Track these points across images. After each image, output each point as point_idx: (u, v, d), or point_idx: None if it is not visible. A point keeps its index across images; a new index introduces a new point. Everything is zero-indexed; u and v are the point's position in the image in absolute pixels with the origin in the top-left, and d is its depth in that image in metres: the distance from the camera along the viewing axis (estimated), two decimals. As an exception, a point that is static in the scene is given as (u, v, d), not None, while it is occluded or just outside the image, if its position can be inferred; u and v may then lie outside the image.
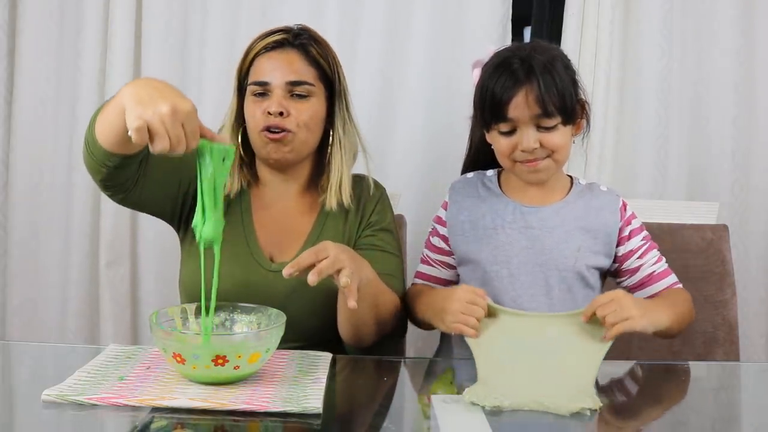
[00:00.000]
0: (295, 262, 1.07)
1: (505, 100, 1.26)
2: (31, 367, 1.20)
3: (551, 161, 1.30)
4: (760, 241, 1.99)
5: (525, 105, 1.26)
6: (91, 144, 1.15)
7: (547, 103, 1.25)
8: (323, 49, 1.35)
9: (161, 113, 0.95)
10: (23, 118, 2.02)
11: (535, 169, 1.31)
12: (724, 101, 1.97)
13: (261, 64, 1.32)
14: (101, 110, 1.13)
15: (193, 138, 0.99)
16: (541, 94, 1.25)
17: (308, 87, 1.31)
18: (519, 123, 1.27)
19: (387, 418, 1.01)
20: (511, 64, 1.28)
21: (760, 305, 1.99)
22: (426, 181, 1.97)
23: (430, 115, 1.98)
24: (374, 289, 1.21)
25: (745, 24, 1.95)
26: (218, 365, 0.99)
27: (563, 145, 1.30)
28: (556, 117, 1.27)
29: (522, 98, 1.25)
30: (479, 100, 1.32)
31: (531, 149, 1.27)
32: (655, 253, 1.38)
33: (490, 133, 1.34)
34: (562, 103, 1.27)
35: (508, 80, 1.26)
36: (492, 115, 1.29)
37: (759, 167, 1.98)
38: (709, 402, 1.14)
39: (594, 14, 1.91)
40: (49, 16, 2.01)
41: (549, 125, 1.27)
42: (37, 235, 2.05)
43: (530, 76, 1.25)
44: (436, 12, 1.96)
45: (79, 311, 2.03)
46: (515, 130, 1.28)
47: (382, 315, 1.26)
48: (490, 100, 1.28)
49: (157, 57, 1.99)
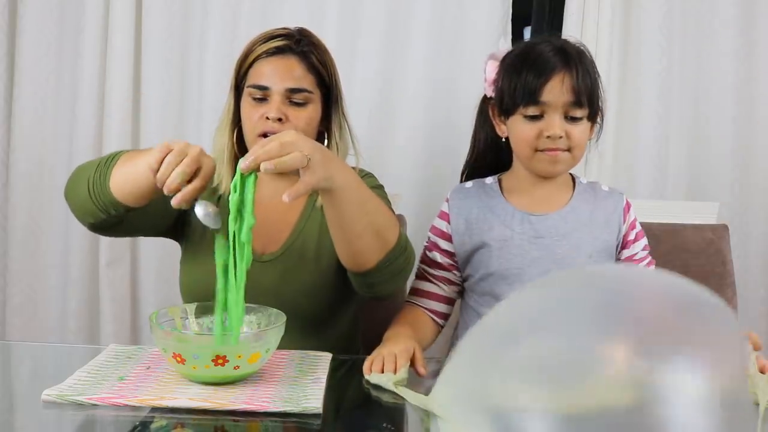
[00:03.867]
0: (251, 152, 1.02)
1: (541, 83, 1.25)
2: (31, 367, 1.20)
3: (569, 156, 1.29)
4: (760, 241, 1.99)
5: (560, 90, 1.25)
6: (98, 190, 1.16)
7: (580, 92, 1.25)
8: (322, 55, 1.35)
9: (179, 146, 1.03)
10: (23, 118, 2.02)
11: (555, 159, 1.28)
12: (724, 101, 1.97)
13: (261, 68, 1.32)
14: (118, 160, 1.16)
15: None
16: (578, 82, 1.24)
17: (307, 94, 1.32)
18: (548, 108, 1.26)
19: (387, 418, 1.01)
20: (543, 50, 1.27)
21: (760, 305, 1.99)
22: (426, 181, 1.97)
23: (430, 115, 1.98)
24: (359, 193, 1.13)
25: (745, 24, 1.95)
26: (218, 365, 0.99)
27: (583, 142, 1.30)
28: (585, 108, 1.27)
29: (558, 83, 1.25)
30: (507, 86, 1.29)
31: (558, 136, 1.26)
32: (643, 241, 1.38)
33: (510, 119, 1.31)
34: (591, 96, 1.27)
35: (544, 64, 1.25)
36: (523, 98, 1.26)
37: (759, 167, 1.98)
38: (709, 402, 1.14)
39: (594, 14, 1.91)
40: (49, 16, 2.01)
41: (577, 115, 1.27)
42: (37, 235, 2.05)
43: (568, 63, 1.25)
44: (436, 12, 1.96)
45: (79, 311, 2.03)
46: (542, 116, 1.27)
47: (378, 224, 1.17)
48: (524, 83, 1.26)
49: (157, 57, 1.99)
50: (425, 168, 1.98)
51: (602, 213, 1.36)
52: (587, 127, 1.30)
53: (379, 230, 1.17)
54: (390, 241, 1.19)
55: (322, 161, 1.04)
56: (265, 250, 1.33)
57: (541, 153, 1.29)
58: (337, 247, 1.20)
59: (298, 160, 1.00)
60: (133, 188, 1.13)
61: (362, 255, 1.18)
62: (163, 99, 2.01)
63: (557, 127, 1.26)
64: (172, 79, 2.01)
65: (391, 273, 1.21)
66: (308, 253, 1.33)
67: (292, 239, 1.34)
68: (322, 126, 1.38)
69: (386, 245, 1.18)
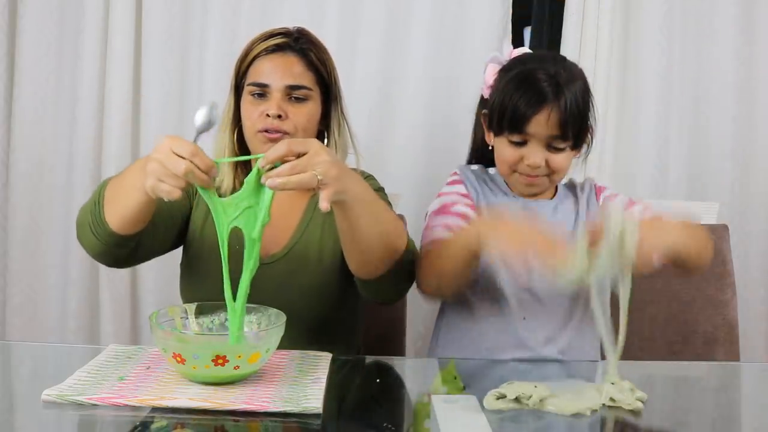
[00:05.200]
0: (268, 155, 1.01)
1: (528, 115, 1.26)
2: (31, 367, 1.20)
3: (547, 180, 1.33)
4: (760, 241, 1.99)
5: (546, 124, 1.26)
6: (98, 228, 1.17)
7: (566, 127, 1.27)
8: (321, 53, 1.36)
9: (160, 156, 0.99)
10: (23, 118, 2.02)
11: (531, 184, 1.33)
12: (724, 101, 1.97)
13: (261, 66, 1.32)
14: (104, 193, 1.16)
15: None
16: (565, 117, 1.26)
17: (306, 91, 1.32)
18: (532, 138, 1.28)
19: (387, 418, 1.01)
20: (537, 79, 1.27)
21: (760, 305, 2.00)
22: (426, 181, 1.97)
23: (430, 114, 1.98)
24: (372, 205, 1.15)
25: (745, 24, 1.96)
26: (218, 365, 0.99)
27: (564, 168, 1.32)
28: (569, 140, 1.29)
29: (544, 117, 1.26)
30: (498, 106, 1.31)
31: (537, 166, 1.29)
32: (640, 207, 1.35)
33: (497, 138, 1.34)
34: (577, 129, 1.29)
35: (535, 96, 1.26)
36: (509, 125, 1.28)
37: (759, 167, 1.98)
38: (709, 402, 1.14)
39: (594, 14, 1.92)
40: (49, 16, 2.01)
41: (559, 146, 1.29)
42: (37, 235, 2.05)
43: (558, 97, 1.26)
44: (436, 12, 1.96)
45: (79, 311, 2.03)
46: (525, 143, 1.29)
47: (388, 234, 1.18)
48: (512, 111, 1.27)
49: (157, 57, 1.99)
50: (425, 167, 1.98)
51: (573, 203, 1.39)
52: (570, 154, 1.32)
53: (389, 240, 1.18)
54: (399, 249, 1.20)
55: (337, 177, 1.03)
56: (267, 252, 1.33)
57: (518, 175, 1.32)
58: (348, 257, 1.21)
59: (307, 181, 1.00)
60: (132, 217, 1.14)
61: (372, 264, 1.19)
62: (163, 100, 2.01)
63: (538, 157, 1.28)
64: (172, 79, 2.01)
65: (396, 281, 1.23)
66: (311, 255, 1.33)
67: (294, 241, 1.34)
68: (321, 124, 1.38)
69: (396, 253, 1.20)
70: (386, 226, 1.18)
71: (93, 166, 2.01)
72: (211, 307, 1.14)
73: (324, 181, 1.01)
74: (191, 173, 0.98)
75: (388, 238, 1.18)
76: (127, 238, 1.18)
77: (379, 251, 1.18)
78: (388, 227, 1.18)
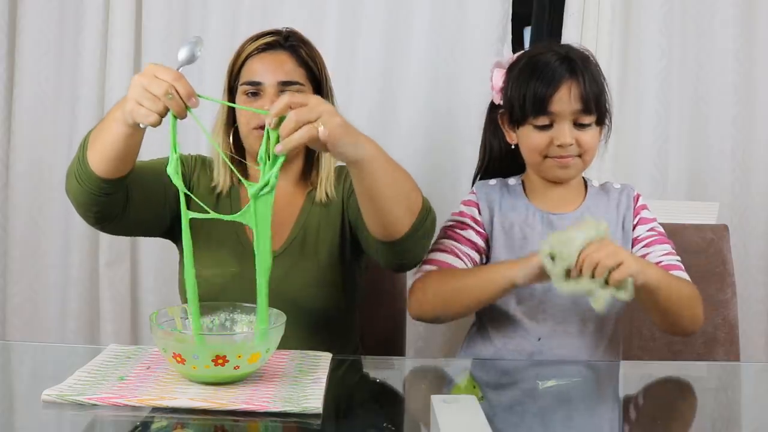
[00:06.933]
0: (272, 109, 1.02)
1: (549, 94, 1.27)
2: (31, 367, 1.20)
3: (580, 161, 1.32)
4: (760, 241, 1.99)
5: (568, 99, 1.27)
6: (83, 174, 1.16)
7: (589, 100, 1.27)
8: (311, 50, 1.38)
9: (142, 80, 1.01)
10: (23, 118, 2.02)
11: (565, 165, 1.31)
12: (724, 101, 1.96)
13: (253, 65, 1.34)
14: (88, 140, 1.16)
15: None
16: (585, 89, 1.27)
17: (299, 86, 1.34)
18: (558, 118, 1.28)
19: (387, 418, 1.01)
20: (549, 60, 1.29)
21: (760, 305, 1.99)
22: (426, 181, 1.96)
23: (430, 115, 1.98)
24: (387, 162, 1.13)
25: (745, 24, 1.95)
26: (218, 365, 0.99)
27: (594, 146, 1.32)
28: (593, 115, 1.29)
29: (566, 92, 1.27)
30: (517, 96, 1.31)
31: (568, 144, 1.28)
32: (666, 247, 1.35)
33: (521, 128, 1.33)
34: (599, 102, 1.29)
35: (553, 74, 1.27)
36: (533, 109, 1.29)
37: (759, 167, 1.98)
38: (709, 402, 1.14)
39: (594, 14, 1.91)
40: (49, 16, 2.01)
41: (585, 122, 1.29)
42: (37, 235, 2.05)
43: (574, 72, 1.28)
44: (436, 12, 1.96)
45: (79, 311, 2.03)
46: (551, 125, 1.29)
47: (405, 190, 1.18)
48: (533, 94, 1.28)
49: (157, 57, 1.99)
50: (425, 167, 1.98)
51: (614, 210, 1.38)
52: (596, 132, 1.32)
53: (407, 196, 1.17)
54: (417, 204, 1.19)
55: (341, 124, 1.03)
56: None
57: (551, 159, 1.31)
58: (369, 220, 1.20)
59: (307, 134, 0.99)
60: (114, 155, 1.12)
61: (394, 224, 1.17)
62: (162, 99, 2.00)
63: (567, 135, 1.28)
64: (172, 79, 2.00)
65: (420, 236, 1.21)
66: (308, 249, 1.34)
67: (293, 236, 1.34)
68: None
69: (415, 210, 1.18)
70: (402, 181, 1.17)
71: (93, 166, 2.01)
72: (211, 307, 1.14)
73: (327, 131, 1.00)
74: (170, 96, 0.98)
75: (407, 194, 1.17)
76: (112, 183, 1.16)
77: (401, 209, 1.16)
78: (404, 182, 1.17)
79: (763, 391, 1.22)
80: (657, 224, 1.38)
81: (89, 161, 1.14)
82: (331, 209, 1.38)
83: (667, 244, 1.36)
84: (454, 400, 1.01)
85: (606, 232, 1.14)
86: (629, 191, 1.41)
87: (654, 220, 1.39)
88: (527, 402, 1.08)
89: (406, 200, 1.17)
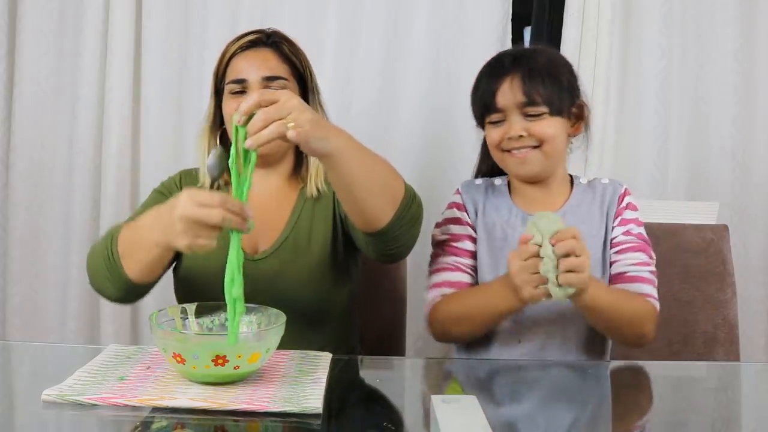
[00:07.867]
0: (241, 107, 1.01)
1: (493, 90, 1.31)
2: (31, 367, 1.20)
3: (540, 153, 1.31)
4: (760, 241, 1.99)
5: (510, 92, 1.29)
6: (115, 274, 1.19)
7: (530, 91, 1.28)
8: (294, 47, 1.40)
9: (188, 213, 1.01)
10: (23, 118, 2.02)
11: (523, 160, 1.31)
12: (724, 101, 1.97)
13: (237, 64, 1.35)
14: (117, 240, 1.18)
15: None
16: (525, 80, 1.28)
17: (283, 82, 1.34)
18: (507, 112, 1.30)
19: (387, 418, 1.01)
20: (500, 58, 1.35)
21: (760, 305, 1.99)
22: (426, 181, 1.97)
23: (430, 115, 1.98)
24: (358, 152, 1.12)
25: (745, 24, 1.95)
26: (218, 365, 0.99)
27: (552, 136, 1.30)
28: (542, 106, 1.29)
29: (507, 86, 1.30)
30: (474, 97, 1.37)
31: (517, 136, 1.29)
32: (638, 256, 1.31)
33: (485, 129, 1.36)
34: (546, 92, 1.29)
35: (495, 70, 1.32)
36: (483, 106, 1.33)
37: (759, 167, 1.98)
38: (709, 402, 1.14)
39: (594, 14, 1.92)
40: (49, 16, 2.01)
41: (535, 113, 1.29)
42: (37, 235, 2.05)
43: (515, 65, 1.30)
44: (436, 12, 1.96)
45: (79, 311, 2.03)
46: (503, 121, 1.32)
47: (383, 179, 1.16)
48: (481, 93, 1.33)
49: (157, 57, 1.99)
50: (425, 166, 1.98)
51: (598, 208, 1.36)
52: (555, 122, 1.30)
53: (385, 185, 1.16)
54: (398, 192, 1.18)
55: (311, 120, 1.02)
56: (257, 249, 1.34)
57: (509, 155, 1.32)
58: (349, 211, 1.20)
59: (276, 131, 0.99)
60: (155, 268, 1.18)
61: (374, 214, 1.17)
62: (163, 99, 2.01)
63: (516, 127, 1.30)
64: (172, 79, 2.01)
65: (406, 224, 1.20)
66: (301, 246, 1.34)
67: (284, 235, 1.34)
68: None
69: (396, 198, 1.17)
70: (379, 172, 1.15)
71: (93, 166, 2.01)
72: (211, 307, 1.14)
73: (297, 127, 0.99)
74: (228, 220, 0.99)
75: (385, 183, 1.16)
76: (150, 284, 1.22)
77: (380, 198, 1.16)
78: (381, 171, 1.16)
79: (763, 391, 1.22)
80: (636, 226, 1.34)
81: (126, 271, 1.17)
82: (322, 204, 1.38)
83: (642, 252, 1.32)
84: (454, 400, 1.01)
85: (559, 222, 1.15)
86: (616, 187, 1.38)
87: (635, 221, 1.35)
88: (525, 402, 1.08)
89: (384, 190, 1.16)
